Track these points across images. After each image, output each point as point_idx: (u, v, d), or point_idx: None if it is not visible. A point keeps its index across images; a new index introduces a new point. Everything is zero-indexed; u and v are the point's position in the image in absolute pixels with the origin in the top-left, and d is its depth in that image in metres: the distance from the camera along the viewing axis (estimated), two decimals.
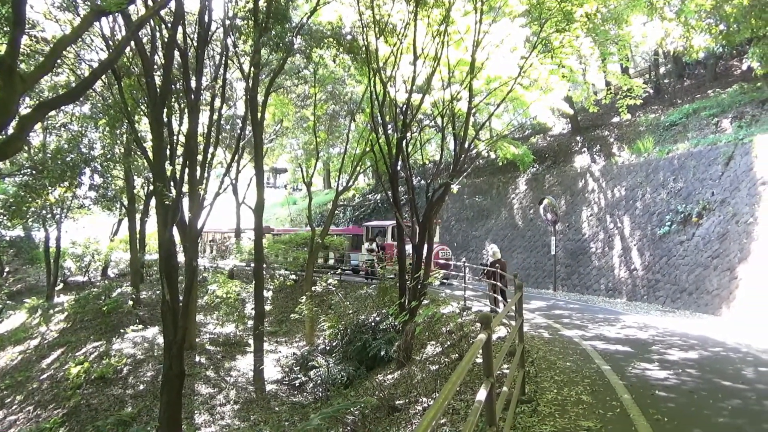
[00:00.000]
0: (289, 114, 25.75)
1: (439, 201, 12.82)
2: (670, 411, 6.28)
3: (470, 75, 12.31)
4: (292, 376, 15.38)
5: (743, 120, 18.40)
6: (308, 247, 21.83)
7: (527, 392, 6.99)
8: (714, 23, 16.72)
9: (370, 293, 19.51)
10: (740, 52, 23.34)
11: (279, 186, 61.10)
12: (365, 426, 8.77)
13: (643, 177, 19.82)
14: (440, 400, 2.19)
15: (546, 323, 13.00)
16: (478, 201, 28.66)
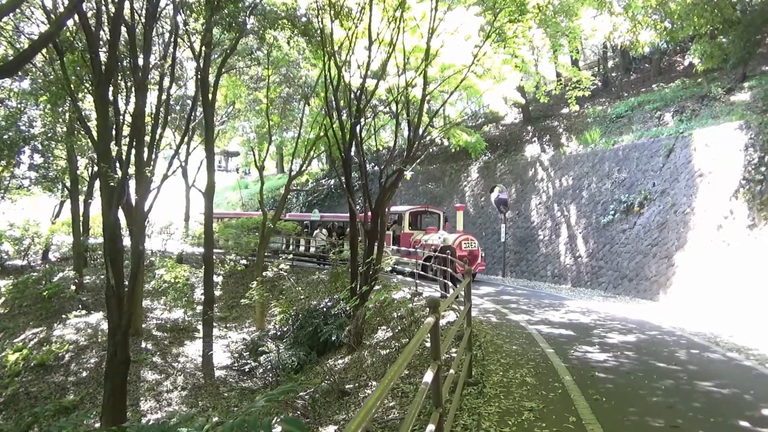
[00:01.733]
0: (242, 96, 25.23)
1: (392, 187, 12.88)
2: (608, 391, 6.57)
3: (425, 62, 12.36)
4: (242, 362, 15.25)
5: (684, 114, 19.17)
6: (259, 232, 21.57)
7: (474, 375, 7.16)
8: (659, 19, 17.32)
9: (323, 279, 19.50)
10: (683, 48, 24.28)
11: (230, 169, 60.11)
12: (315, 410, 8.80)
13: (589, 167, 20.44)
14: (385, 381, 2.23)
15: (494, 308, 13.31)
16: (431, 188, 28.92)
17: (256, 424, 2.90)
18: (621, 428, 5.33)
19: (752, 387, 6.84)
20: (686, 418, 5.63)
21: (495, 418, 5.58)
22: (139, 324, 17.76)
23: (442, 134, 21.35)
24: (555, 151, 23.45)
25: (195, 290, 21.16)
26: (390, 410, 7.01)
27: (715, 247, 13.71)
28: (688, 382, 7.03)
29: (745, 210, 13.15)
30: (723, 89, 18.66)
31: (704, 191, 14.83)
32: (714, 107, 18.07)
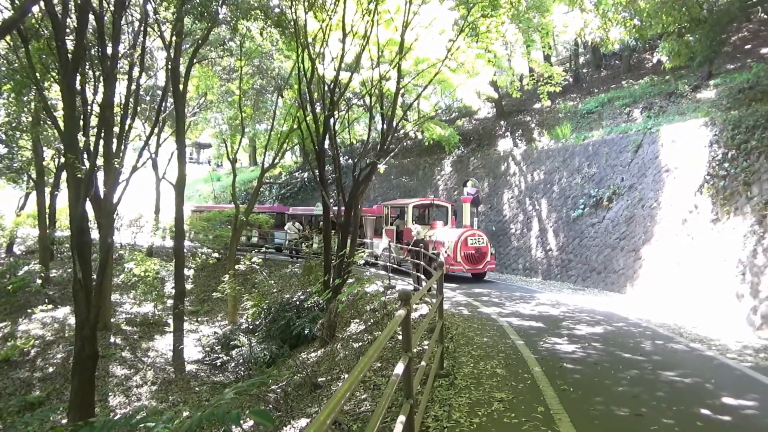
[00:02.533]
0: (214, 87, 24.87)
1: (365, 180, 12.88)
2: (575, 381, 6.71)
3: (399, 55, 12.37)
4: (214, 356, 15.14)
5: (652, 110, 19.58)
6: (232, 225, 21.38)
7: (445, 367, 7.24)
8: (629, 17, 17.60)
9: (295, 272, 19.43)
10: (652, 46, 24.72)
11: (202, 161, 59.31)
12: (287, 403, 8.79)
13: (560, 162, 20.74)
14: (356, 372, 2.25)
15: (466, 301, 13.45)
16: (404, 181, 29.00)
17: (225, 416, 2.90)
18: (587, 417, 5.46)
19: (713, 376, 7.06)
20: (650, 407, 5.79)
21: (465, 408, 5.65)
22: (107, 318, 17.46)
23: (415, 128, 21.41)
24: (527, 146, 23.73)
25: (165, 284, 20.87)
26: (362, 403, 7.05)
27: (680, 241, 14.06)
28: (653, 372, 7.23)
29: (709, 205, 13.51)
30: (690, 87, 19.10)
31: (670, 186, 15.18)
32: (681, 104, 18.49)
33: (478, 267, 16.61)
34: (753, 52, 20.20)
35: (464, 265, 16.28)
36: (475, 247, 16.46)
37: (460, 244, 16.20)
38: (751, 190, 12.26)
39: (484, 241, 16.75)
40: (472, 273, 16.85)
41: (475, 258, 16.47)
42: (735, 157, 13.15)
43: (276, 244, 25.89)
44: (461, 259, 16.18)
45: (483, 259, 16.61)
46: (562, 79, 21.17)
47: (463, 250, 16.22)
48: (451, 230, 17.41)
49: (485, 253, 16.70)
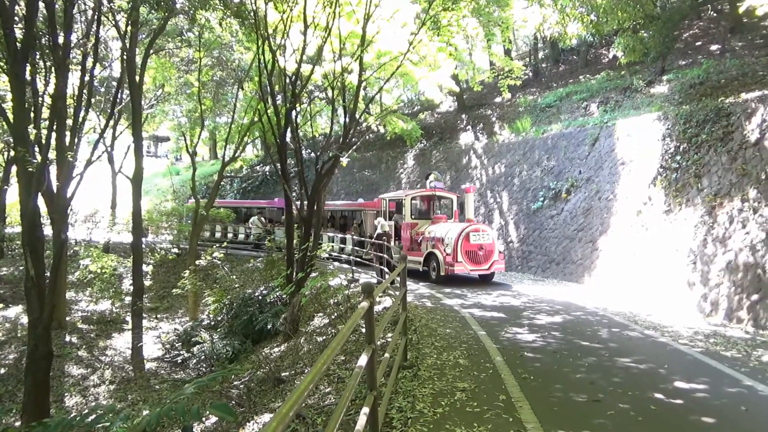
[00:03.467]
0: (172, 79, 24.28)
1: (328, 173, 12.84)
2: (536, 370, 6.86)
3: (361, 48, 12.34)
4: (174, 353, 14.87)
5: (608, 105, 20.06)
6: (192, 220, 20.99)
7: (409, 358, 7.29)
8: (586, 13, 17.97)
9: (258, 266, 19.23)
10: (608, 42, 25.32)
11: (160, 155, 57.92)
12: (250, 399, 8.71)
13: (520, 155, 21.06)
14: (318, 365, 2.24)
15: (429, 293, 13.57)
16: (367, 175, 28.98)
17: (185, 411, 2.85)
18: (547, 404, 5.59)
19: (666, 362, 7.32)
20: (607, 393, 5.97)
21: (429, 399, 5.71)
22: (62, 317, 16.94)
23: (378, 121, 21.40)
24: (488, 139, 24.00)
25: (123, 280, 20.37)
26: (326, 396, 7.05)
27: (634, 232, 14.48)
28: (609, 358, 7.45)
29: (662, 196, 13.94)
30: (644, 82, 19.64)
31: (626, 179, 15.61)
32: (636, 99, 19.00)
33: (483, 267, 15.00)
34: (703, 48, 20.90)
35: (467, 265, 14.73)
36: (479, 244, 14.85)
37: (461, 240, 14.68)
38: (701, 182, 12.71)
39: (489, 236, 15.12)
40: (478, 274, 15.39)
41: (480, 256, 14.87)
42: (686, 150, 13.60)
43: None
44: (463, 257, 14.66)
45: (489, 258, 15.00)
46: (522, 74, 21.46)
47: (465, 248, 14.69)
48: (452, 225, 15.71)
49: (491, 251, 15.05)
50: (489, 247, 14.96)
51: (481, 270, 15.04)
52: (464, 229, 14.83)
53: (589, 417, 5.22)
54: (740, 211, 11.18)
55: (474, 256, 14.80)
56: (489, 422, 5.05)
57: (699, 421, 5.18)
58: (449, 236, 14.93)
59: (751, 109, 11.94)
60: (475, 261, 14.85)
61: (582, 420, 5.14)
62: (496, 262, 15.15)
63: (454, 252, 14.61)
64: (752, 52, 17.15)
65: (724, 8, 22.97)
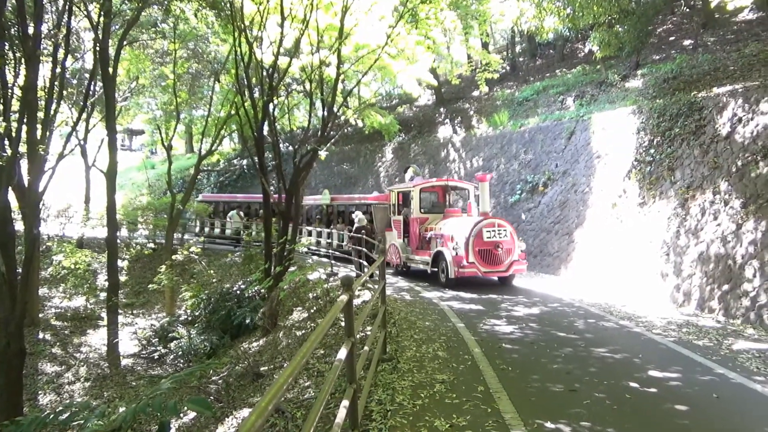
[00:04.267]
0: (146, 71, 23.87)
1: (306, 167, 12.76)
2: (514, 361, 6.94)
3: (339, 40, 12.27)
4: (151, 349, 14.70)
5: (584, 99, 20.28)
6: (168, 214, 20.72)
7: (389, 351, 7.31)
8: (562, 7, 18.11)
9: (236, 261, 19.09)
10: (584, 36, 25.55)
11: (135, 149, 57.02)
12: (229, 394, 8.66)
13: (498, 148, 21.20)
14: (297, 358, 2.23)
15: (408, 286, 13.62)
16: (345, 168, 28.91)
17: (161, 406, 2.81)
18: (525, 395, 5.66)
19: (641, 351, 7.46)
20: (583, 382, 6.06)
21: (408, 391, 5.74)
22: (35, 313, 16.61)
23: (356, 115, 21.33)
24: (466, 133, 24.11)
25: (98, 276, 20.05)
26: (306, 390, 7.03)
27: (610, 224, 14.70)
28: (585, 349, 7.56)
29: (636, 189, 14.16)
30: (619, 76, 19.89)
31: (601, 172, 15.82)
32: (611, 93, 19.24)
33: (500, 269, 13.17)
34: (676, 43, 21.22)
35: (479, 267, 12.95)
36: (495, 241, 12.93)
37: (472, 237, 12.90)
38: (674, 175, 12.94)
39: (506, 233, 13.21)
40: (495, 277, 13.70)
41: (496, 257, 13.01)
42: (660, 144, 13.83)
43: None
44: (475, 258, 12.89)
45: (507, 258, 13.14)
46: (500, 68, 21.61)
47: (478, 246, 12.88)
48: (465, 220, 14.00)
49: (510, 250, 13.17)
50: (507, 245, 13.09)
51: (498, 272, 13.26)
52: (476, 225, 13.08)
53: (566, 406, 5.30)
54: (712, 204, 11.42)
55: (489, 256, 13.00)
56: (468, 413, 5.09)
57: (672, 408, 5.30)
58: (459, 233, 13.27)
59: (723, 103, 12.18)
60: (490, 262, 13.06)
61: (559, 409, 5.22)
62: (515, 262, 13.25)
63: (465, 251, 12.88)
64: (723, 47, 17.47)
65: (696, 4, 23.35)
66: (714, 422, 4.97)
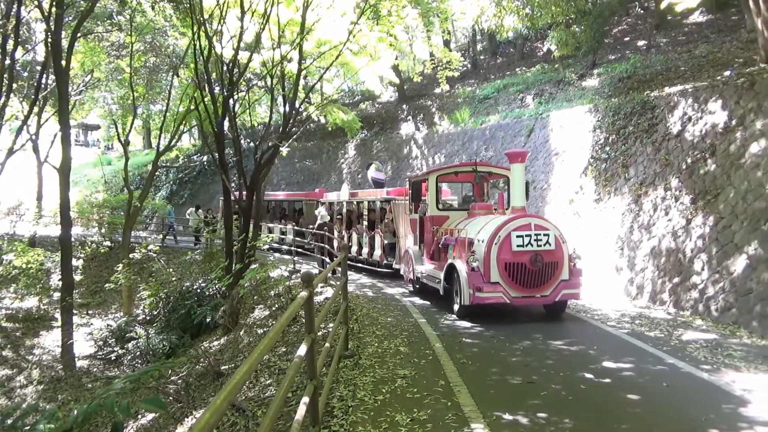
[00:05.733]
0: (102, 64, 23.18)
1: (268, 163, 12.67)
2: (474, 355, 7.05)
3: (300, 36, 12.19)
4: (107, 350, 14.34)
5: (543, 97, 20.68)
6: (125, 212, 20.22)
7: (350, 347, 7.33)
8: (521, 6, 18.42)
9: (196, 259, 18.80)
10: (543, 35, 26.03)
11: (90, 144, 55.38)
12: (189, 394, 8.53)
13: (459, 145, 21.43)
14: (255, 354, 2.22)
15: (371, 283, 13.66)
16: (308, 165, 28.75)
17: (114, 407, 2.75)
18: (484, 387, 5.77)
19: (596, 343, 7.68)
20: (540, 374, 6.21)
21: (370, 387, 5.77)
22: None
23: (318, 111, 21.21)
24: (428, 130, 24.28)
25: (51, 276, 19.42)
26: (267, 388, 6.99)
27: (567, 220, 15.04)
28: (543, 342, 7.74)
29: (592, 186, 14.53)
30: (576, 75, 20.34)
31: (559, 168, 16.17)
32: (568, 91, 19.67)
33: (540, 293, 9.05)
34: (631, 44, 21.83)
35: (507, 289, 8.90)
36: (530, 251, 8.85)
37: (495, 246, 8.95)
38: (628, 172, 13.33)
39: (549, 238, 8.97)
40: (533, 303, 9.46)
41: (532, 274, 8.90)
42: (615, 142, 14.21)
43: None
44: (500, 276, 8.90)
45: (550, 276, 9.00)
46: (461, 65, 21.80)
47: (504, 258, 8.90)
48: (490, 220, 9.81)
49: (556, 265, 9.02)
50: (550, 257, 8.92)
51: (536, 297, 9.05)
52: (502, 227, 8.98)
53: (524, 398, 5.42)
54: (663, 199, 11.81)
55: (522, 273, 8.86)
56: (429, 407, 5.16)
57: (624, 398, 5.48)
58: (480, 238, 9.32)
59: (674, 102, 12.60)
60: (523, 282, 8.93)
61: (517, 401, 5.34)
62: (565, 283, 9.05)
63: (485, 265, 8.93)
64: (675, 48, 18.06)
65: (650, 5, 24.04)
66: (664, 410, 5.16)
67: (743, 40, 15.27)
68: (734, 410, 5.14)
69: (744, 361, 6.79)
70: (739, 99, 10.72)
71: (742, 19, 16.55)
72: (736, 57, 14.14)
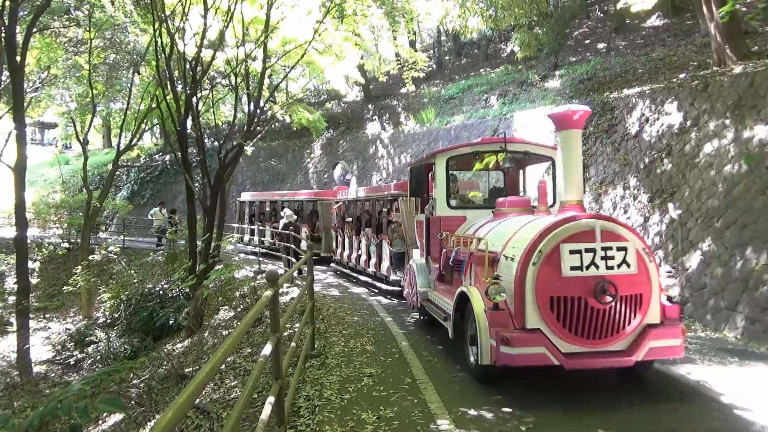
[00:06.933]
0: (59, 60, 22.48)
1: (232, 162, 12.53)
2: (439, 352, 7.13)
3: (265, 34, 12.07)
4: (66, 354, 13.94)
5: (506, 97, 20.96)
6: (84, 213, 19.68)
7: (317, 347, 7.31)
8: (485, 7, 18.67)
9: (158, 260, 18.44)
10: (506, 37, 26.42)
11: (47, 143, 53.66)
12: (152, 398, 8.37)
13: (425, 145, 21.56)
14: (218, 354, 2.20)
15: (337, 282, 13.64)
16: (273, 164, 28.50)
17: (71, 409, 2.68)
18: (450, 384, 5.83)
19: None
20: None
21: (336, 386, 5.77)
22: None
23: (283, 110, 21.05)
24: (394, 129, 24.36)
25: (6, 279, 18.79)
26: (232, 389, 6.92)
27: None
28: None
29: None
30: (539, 76, 20.70)
31: None
32: (531, 92, 19.99)
33: (611, 346, 5.25)
34: (591, 46, 22.34)
35: (553, 341, 5.15)
36: (594, 276, 5.12)
37: (535, 266, 5.27)
38: (589, 171, 13.64)
39: (627, 255, 5.24)
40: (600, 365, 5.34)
41: (598, 316, 5.15)
42: None
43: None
44: (542, 317, 5.21)
45: (629, 318, 5.22)
46: (426, 66, 21.97)
47: (549, 289, 5.22)
48: (526, 222, 6.22)
49: (639, 299, 5.24)
50: (630, 286, 5.21)
51: (604, 354, 5.26)
52: (545, 234, 5.37)
53: (489, 394, 5.50)
54: (622, 198, 12.13)
55: (578, 314, 5.18)
56: (395, 405, 5.19)
57: None
58: (509, 252, 5.82)
59: (632, 103, 12.95)
60: (582, 328, 5.22)
61: (482, 397, 5.41)
62: (654, 331, 5.25)
63: (518, 299, 5.37)
64: (633, 51, 18.56)
65: (609, 9, 24.64)
66: (622, 401, 5.29)
67: (698, 43, 15.79)
68: (689, 398, 5.36)
69: (698, 353, 7.04)
70: (694, 101, 11.09)
71: (696, 24, 17.11)
72: (690, 60, 14.62)
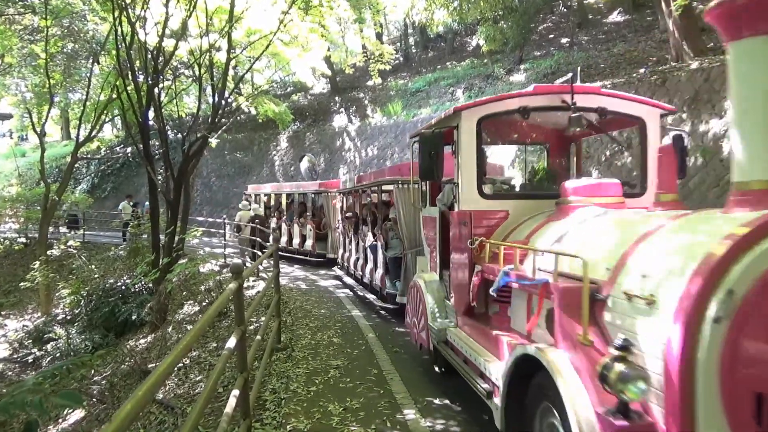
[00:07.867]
0: (13, 49, 21.68)
1: (196, 155, 12.33)
2: (406, 344, 7.16)
3: (229, 24, 11.89)
4: (23, 352, 13.54)
5: (472, 91, 21.14)
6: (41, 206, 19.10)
7: (283, 340, 7.27)
8: (450, 0, 18.75)
9: (120, 254, 18.05)
10: (472, 30, 26.58)
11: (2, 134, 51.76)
12: (114, 394, 8.21)
13: (392, 138, 21.59)
14: (180, 346, 2.17)
15: (304, 275, 13.58)
16: (239, 157, 28.14)
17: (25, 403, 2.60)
18: (416, 374, 5.89)
19: None
20: None
21: (303, 378, 5.76)
22: None
23: (249, 102, 20.76)
24: (361, 122, 24.31)
25: None
26: (197, 384, 6.84)
27: None
28: None
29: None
30: (504, 70, 20.92)
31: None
32: (497, 85, 20.19)
33: None
34: (555, 41, 22.67)
35: None
36: None
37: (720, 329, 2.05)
38: None
39: None
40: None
41: None
42: None
43: None
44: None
45: None
46: (393, 59, 21.94)
47: (753, 378, 2.02)
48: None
49: None
50: None
51: None
52: (743, 244, 2.11)
53: (455, 384, 5.57)
54: None
55: None
56: (361, 396, 5.21)
57: None
58: (637, 285, 2.51)
59: None
60: None
61: (447, 387, 5.48)
62: None
63: (673, 399, 2.11)
64: (596, 46, 18.91)
65: (573, 4, 25.04)
66: None
67: (657, 39, 16.19)
68: None
69: None
70: (653, 95, 11.37)
71: (656, 20, 17.53)
72: (650, 56, 14.98)
